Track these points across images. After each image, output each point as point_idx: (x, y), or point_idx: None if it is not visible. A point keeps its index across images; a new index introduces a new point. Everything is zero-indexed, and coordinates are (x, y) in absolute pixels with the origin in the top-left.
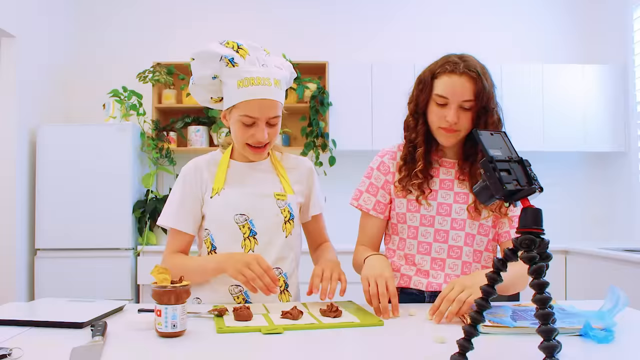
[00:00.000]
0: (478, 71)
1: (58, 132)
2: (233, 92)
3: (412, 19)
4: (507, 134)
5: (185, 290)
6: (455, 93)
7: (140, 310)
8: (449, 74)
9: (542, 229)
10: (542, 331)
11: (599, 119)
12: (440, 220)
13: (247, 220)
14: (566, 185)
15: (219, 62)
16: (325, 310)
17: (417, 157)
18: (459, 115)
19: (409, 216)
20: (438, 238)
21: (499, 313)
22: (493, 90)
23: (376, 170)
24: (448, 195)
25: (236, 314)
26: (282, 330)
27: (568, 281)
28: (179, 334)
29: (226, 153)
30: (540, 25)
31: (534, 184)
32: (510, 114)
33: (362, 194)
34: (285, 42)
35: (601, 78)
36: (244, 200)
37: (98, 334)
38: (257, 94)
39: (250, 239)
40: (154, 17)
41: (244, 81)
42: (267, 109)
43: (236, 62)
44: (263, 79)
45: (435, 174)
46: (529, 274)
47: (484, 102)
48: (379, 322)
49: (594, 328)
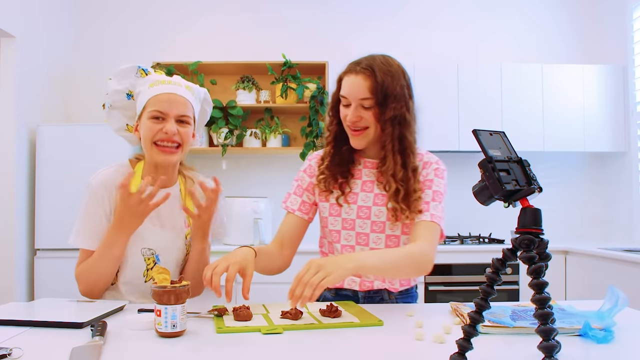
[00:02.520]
0: (374, 68)
1: (58, 132)
2: (144, 95)
3: (412, 19)
4: (505, 134)
5: (185, 290)
6: (352, 92)
7: (140, 310)
8: (348, 74)
9: (541, 229)
10: (541, 331)
11: (598, 119)
12: (360, 224)
13: (153, 255)
14: (566, 185)
15: (134, 76)
16: (325, 310)
17: (325, 154)
18: (360, 114)
19: (330, 220)
20: (360, 241)
21: (498, 313)
22: (397, 87)
23: (302, 172)
24: (368, 197)
25: (236, 314)
26: (281, 330)
27: (568, 281)
28: (179, 334)
29: (137, 172)
30: (540, 25)
31: (533, 184)
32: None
33: (290, 196)
34: (284, 42)
35: (601, 78)
36: (153, 236)
37: (98, 334)
38: (167, 89)
39: (153, 270)
40: (154, 17)
41: (155, 83)
42: (177, 104)
43: (149, 71)
44: (174, 81)
45: (358, 175)
46: (528, 274)
47: (380, 98)
48: (378, 322)
49: (593, 328)
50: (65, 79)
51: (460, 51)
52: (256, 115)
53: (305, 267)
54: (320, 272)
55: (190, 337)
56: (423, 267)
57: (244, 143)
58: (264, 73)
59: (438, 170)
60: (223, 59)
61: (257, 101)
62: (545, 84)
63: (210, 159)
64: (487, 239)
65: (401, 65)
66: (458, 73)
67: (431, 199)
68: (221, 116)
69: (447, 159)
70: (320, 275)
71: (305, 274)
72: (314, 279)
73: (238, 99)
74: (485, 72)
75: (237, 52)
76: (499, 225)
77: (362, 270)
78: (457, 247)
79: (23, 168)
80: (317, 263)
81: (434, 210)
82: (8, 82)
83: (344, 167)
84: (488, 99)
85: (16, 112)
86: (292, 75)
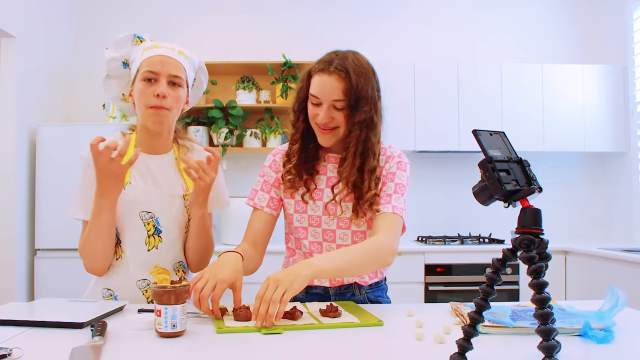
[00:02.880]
0: (348, 69)
1: (58, 132)
2: (138, 59)
3: (411, 19)
4: (505, 134)
5: (186, 290)
6: (325, 93)
7: (140, 310)
8: (320, 73)
9: (541, 229)
10: (541, 331)
11: (598, 119)
12: (326, 220)
13: (152, 218)
14: (566, 185)
15: (130, 44)
16: (325, 310)
17: (292, 152)
18: (332, 115)
19: (296, 217)
20: (327, 238)
21: (498, 313)
22: (369, 89)
23: (267, 168)
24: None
25: (236, 315)
26: (281, 330)
27: (567, 281)
28: (179, 334)
29: (130, 146)
30: (540, 25)
31: (533, 184)
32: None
33: (257, 192)
34: (285, 42)
35: (601, 78)
36: (151, 197)
37: (98, 334)
38: (160, 52)
39: (154, 237)
40: (154, 17)
41: (149, 47)
42: (169, 64)
43: (144, 38)
44: (167, 47)
45: (322, 171)
46: (528, 274)
47: (352, 100)
48: (378, 322)
49: (593, 328)
50: (66, 79)
51: (460, 51)
52: (256, 115)
53: (263, 285)
54: (279, 287)
55: (190, 337)
56: (383, 260)
57: (244, 143)
58: (264, 73)
59: (401, 163)
60: (223, 59)
61: (257, 101)
62: (545, 84)
63: None
64: (487, 239)
65: (371, 64)
66: (458, 73)
67: (393, 192)
68: (221, 116)
69: (447, 159)
70: (280, 290)
71: (266, 292)
72: (275, 295)
73: (238, 99)
74: (485, 72)
75: (238, 52)
76: (499, 225)
77: (321, 275)
78: (457, 247)
79: (23, 168)
80: (274, 278)
81: (396, 202)
82: (8, 82)
83: (309, 164)
84: (488, 99)
85: (16, 112)
86: (292, 75)
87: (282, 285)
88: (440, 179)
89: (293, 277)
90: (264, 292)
